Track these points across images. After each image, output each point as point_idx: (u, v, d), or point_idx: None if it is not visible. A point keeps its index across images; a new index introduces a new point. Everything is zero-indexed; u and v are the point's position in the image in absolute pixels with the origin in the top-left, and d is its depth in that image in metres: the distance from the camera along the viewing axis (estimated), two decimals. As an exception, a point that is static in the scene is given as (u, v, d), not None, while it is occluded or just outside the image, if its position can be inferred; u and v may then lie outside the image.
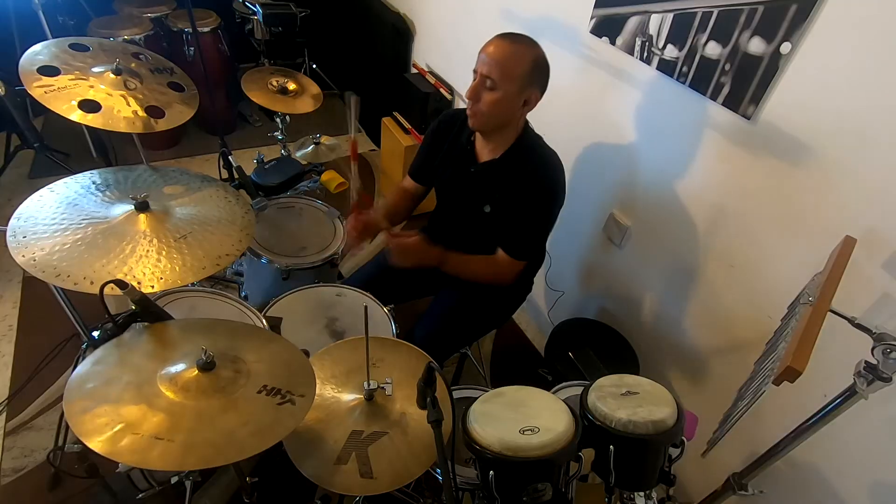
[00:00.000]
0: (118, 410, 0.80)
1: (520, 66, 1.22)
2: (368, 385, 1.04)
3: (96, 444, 0.74)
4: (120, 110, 1.33)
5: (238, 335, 1.01)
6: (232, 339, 0.99)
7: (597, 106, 1.75)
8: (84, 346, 1.51)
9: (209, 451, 0.77)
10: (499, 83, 1.22)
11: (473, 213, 1.44)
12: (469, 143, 1.42)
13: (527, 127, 1.39)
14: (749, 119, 1.27)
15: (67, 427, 1.61)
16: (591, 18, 1.64)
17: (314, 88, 2.01)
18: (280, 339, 1.03)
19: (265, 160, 1.96)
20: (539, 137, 1.41)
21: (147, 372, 0.87)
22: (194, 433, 0.79)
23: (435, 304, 1.62)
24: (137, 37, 2.61)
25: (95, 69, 1.37)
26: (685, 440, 1.00)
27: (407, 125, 2.61)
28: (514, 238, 1.41)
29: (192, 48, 2.80)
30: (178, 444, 0.76)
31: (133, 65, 1.45)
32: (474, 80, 1.26)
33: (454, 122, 1.48)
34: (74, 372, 0.85)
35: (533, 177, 1.34)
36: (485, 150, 1.40)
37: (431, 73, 2.68)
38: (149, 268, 1.04)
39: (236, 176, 1.78)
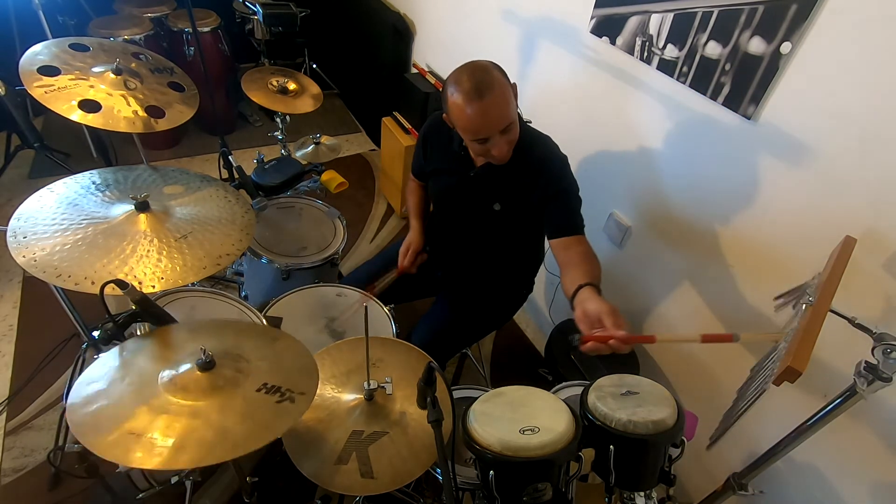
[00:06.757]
0: (117, 409, 0.80)
1: (508, 96, 1.20)
2: (368, 385, 1.04)
3: (92, 442, 0.74)
4: (120, 110, 1.33)
5: (244, 335, 1.01)
6: (237, 338, 0.99)
7: (596, 106, 1.75)
8: (84, 346, 1.51)
9: (202, 449, 0.77)
10: (511, 122, 1.21)
11: (482, 214, 1.42)
12: (462, 149, 1.39)
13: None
14: (749, 119, 1.27)
15: (67, 427, 1.61)
16: (591, 18, 1.64)
17: (314, 88, 2.01)
18: (286, 335, 1.03)
19: (265, 160, 1.96)
20: (525, 124, 1.37)
21: (149, 374, 0.87)
22: (190, 432, 0.79)
23: (436, 306, 1.62)
24: (137, 37, 2.61)
25: (95, 69, 1.37)
26: (685, 440, 1.00)
27: (407, 125, 2.61)
28: (570, 218, 1.32)
29: (192, 48, 2.81)
30: (172, 443, 0.77)
31: (133, 65, 1.45)
32: (487, 143, 1.21)
33: (442, 127, 1.44)
34: (82, 374, 0.85)
35: (544, 166, 1.32)
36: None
37: (431, 73, 2.68)
38: (149, 268, 1.04)
39: (236, 176, 1.78)
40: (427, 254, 1.62)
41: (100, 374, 0.86)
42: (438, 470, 1.07)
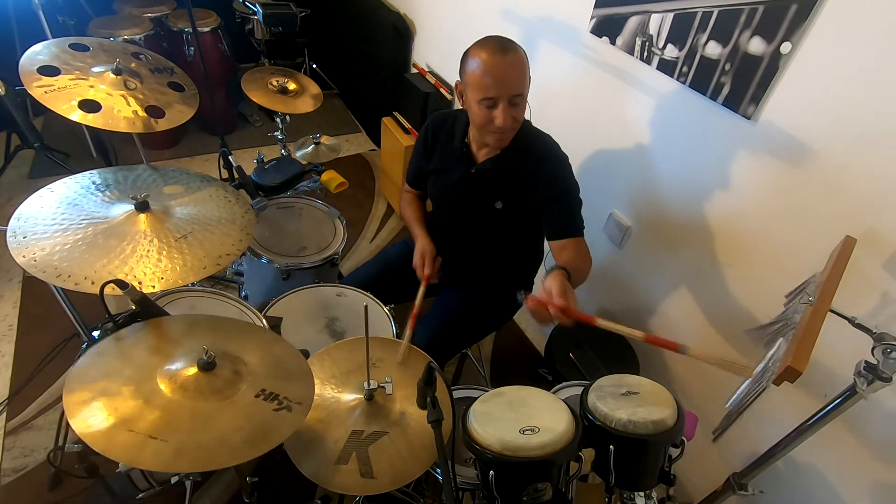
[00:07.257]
0: (116, 405, 0.79)
1: (527, 67, 1.22)
2: (368, 385, 1.04)
3: (92, 439, 0.74)
4: (120, 110, 1.33)
5: (241, 335, 1.01)
6: (234, 338, 0.99)
7: (596, 106, 1.75)
8: (84, 346, 1.50)
9: (202, 454, 0.77)
10: (522, 94, 1.23)
11: (483, 212, 1.43)
12: (464, 146, 1.40)
13: None
14: (749, 119, 1.27)
15: (67, 427, 1.61)
16: (591, 18, 1.64)
17: (314, 88, 2.01)
18: (283, 341, 1.03)
19: (265, 160, 1.96)
20: (526, 122, 1.36)
21: (148, 367, 0.87)
22: (188, 435, 0.79)
23: (436, 307, 1.61)
24: (137, 37, 2.61)
25: (95, 69, 1.37)
26: (685, 440, 1.00)
27: (407, 125, 2.61)
28: (570, 220, 1.33)
29: (192, 48, 2.81)
30: (172, 445, 0.76)
31: (133, 65, 1.45)
32: (496, 107, 1.21)
33: (443, 125, 1.46)
34: (76, 363, 0.85)
35: (545, 166, 1.32)
36: (482, 150, 1.39)
37: (431, 73, 2.68)
38: (149, 268, 1.04)
39: (236, 176, 1.78)
40: (441, 257, 1.56)
41: (98, 363, 0.86)
42: (438, 470, 1.07)
